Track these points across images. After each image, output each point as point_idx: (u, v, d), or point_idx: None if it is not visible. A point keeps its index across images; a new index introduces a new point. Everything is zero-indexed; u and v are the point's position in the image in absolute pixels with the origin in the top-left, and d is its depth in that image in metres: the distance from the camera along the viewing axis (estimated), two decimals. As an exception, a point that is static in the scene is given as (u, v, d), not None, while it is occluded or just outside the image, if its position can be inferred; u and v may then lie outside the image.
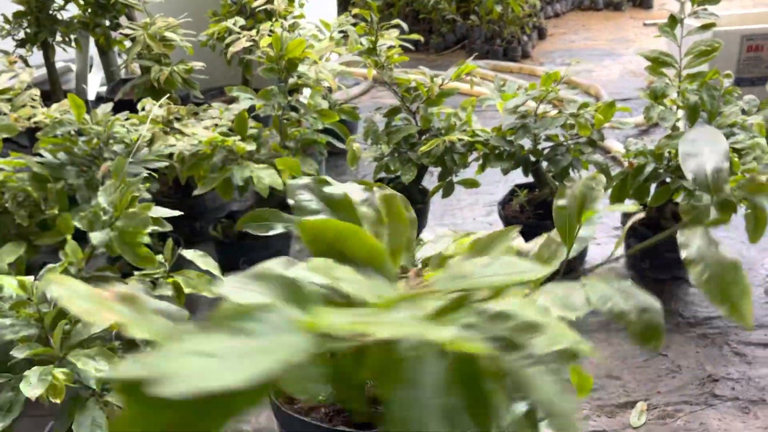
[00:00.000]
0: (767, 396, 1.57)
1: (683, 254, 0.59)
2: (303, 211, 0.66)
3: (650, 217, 1.97)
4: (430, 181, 2.18)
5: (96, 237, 1.13)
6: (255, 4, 2.51)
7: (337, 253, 0.52)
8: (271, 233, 2.15)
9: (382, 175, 2.05)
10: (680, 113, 1.82)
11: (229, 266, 2.00)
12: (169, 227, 1.29)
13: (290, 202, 0.68)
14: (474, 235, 0.65)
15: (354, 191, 0.66)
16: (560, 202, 0.65)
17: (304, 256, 0.55)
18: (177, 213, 1.30)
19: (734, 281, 0.55)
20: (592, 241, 2.22)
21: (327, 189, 0.67)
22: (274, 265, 0.50)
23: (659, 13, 5.86)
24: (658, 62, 1.81)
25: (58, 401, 0.97)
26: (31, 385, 0.96)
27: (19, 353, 1.02)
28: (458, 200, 2.61)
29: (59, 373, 0.99)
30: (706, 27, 1.80)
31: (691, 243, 0.59)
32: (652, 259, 1.98)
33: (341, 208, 0.65)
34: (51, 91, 2.81)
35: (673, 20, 1.83)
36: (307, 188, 0.67)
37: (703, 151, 0.63)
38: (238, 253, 1.99)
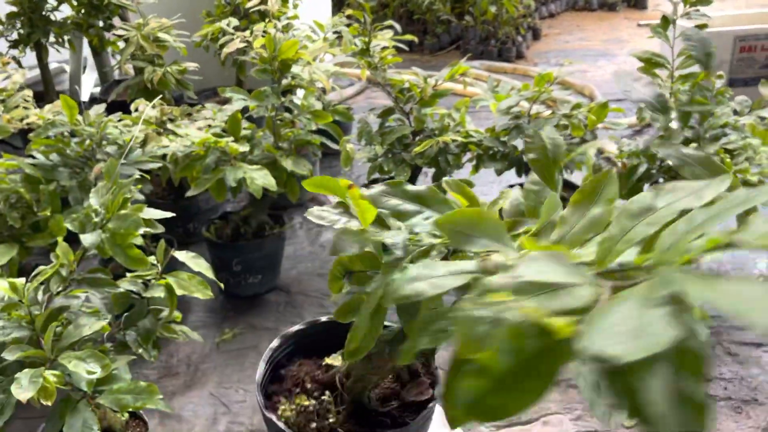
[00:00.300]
0: (759, 396, 1.58)
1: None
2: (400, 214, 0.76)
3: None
4: (424, 182, 2.18)
5: (87, 239, 1.13)
6: (249, 5, 2.50)
7: (465, 236, 0.59)
8: (265, 233, 2.14)
9: (376, 175, 2.05)
10: (673, 114, 1.83)
11: (222, 267, 2.00)
12: (161, 229, 1.29)
13: (381, 211, 0.75)
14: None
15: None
16: (531, 155, 0.72)
17: (296, 258, 0.56)
18: (169, 214, 1.29)
19: None
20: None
21: (410, 188, 0.77)
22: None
23: (654, 14, 5.87)
24: (650, 63, 1.81)
25: (49, 403, 0.97)
26: (22, 388, 0.96)
27: (10, 355, 1.02)
28: (452, 201, 2.61)
29: (50, 375, 0.99)
30: (699, 28, 1.81)
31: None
32: (646, 259, 1.99)
33: (433, 202, 0.75)
34: (44, 92, 2.81)
35: (666, 21, 1.83)
36: (388, 193, 0.76)
37: None
38: (231, 254, 1.99)
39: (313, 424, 1.09)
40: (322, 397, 1.12)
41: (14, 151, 2.60)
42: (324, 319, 1.33)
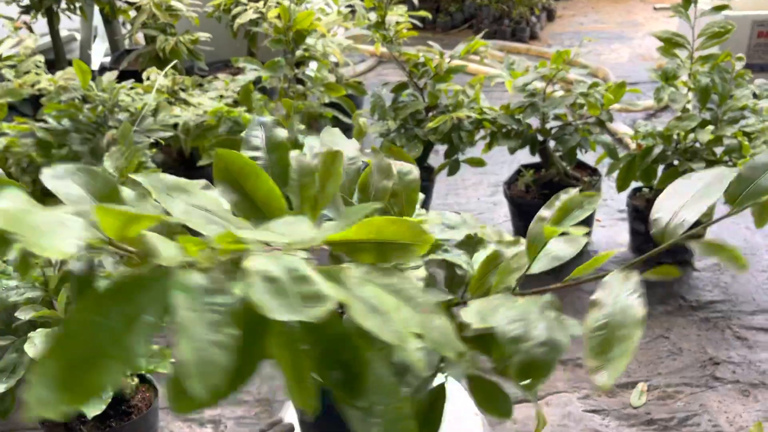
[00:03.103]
0: (767, 380, 1.58)
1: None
2: (246, 145, 0.65)
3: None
4: (435, 159, 2.16)
5: (101, 202, 1.12)
6: (262, -24, 2.47)
7: (238, 187, 0.55)
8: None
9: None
10: (690, 95, 1.80)
11: (232, 239, 1.99)
12: (174, 195, 1.29)
13: (244, 135, 0.67)
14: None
15: (336, 145, 0.65)
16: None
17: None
18: (182, 181, 1.29)
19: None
20: (597, 223, 2.21)
21: (276, 130, 0.66)
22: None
23: (669, -2, 5.79)
24: (670, 43, 1.78)
25: (62, 364, 0.97)
26: (36, 347, 0.96)
27: (23, 315, 1.02)
28: (463, 179, 2.59)
29: (63, 335, 0.99)
30: (718, 8, 1.78)
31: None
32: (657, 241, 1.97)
33: (277, 149, 0.65)
34: (55, 59, 2.79)
35: (687, 0, 1.80)
36: (263, 125, 0.67)
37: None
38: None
39: None
40: None
41: (24, 118, 2.59)
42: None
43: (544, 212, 0.63)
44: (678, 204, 0.58)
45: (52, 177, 0.50)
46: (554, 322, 0.52)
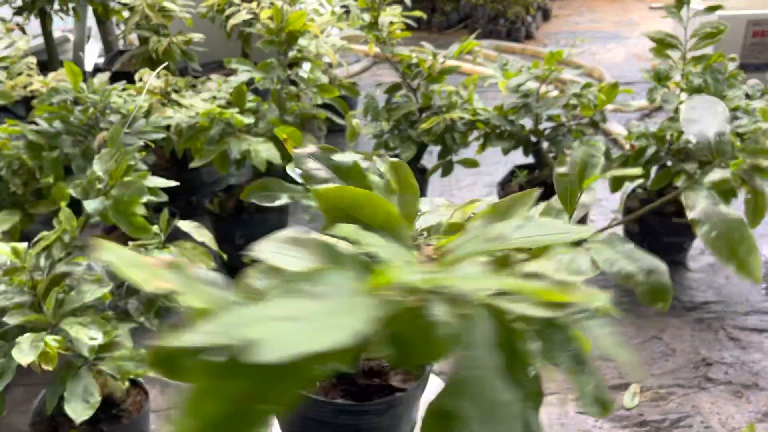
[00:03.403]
0: (760, 381, 1.58)
1: (689, 215, 0.59)
2: (312, 180, 0.64)
3: (650, 200, 1.95)
4: (429, 160, 2.16)
5: (91, 205, 1.12)
6: (256, -24, 2.47)
7: (353, 219, 0.51)
8: (269, 206, 2.14)
9: (382, 152, 2.03)
10: (683, 96, 1.80)
11: (225, 240, 1.98)
12: (165, 197, 1.28)
13: (296, 170, 0.66)
14: (479, 203, 0.64)
15: (356, 160, 0.65)
16: (561, 169, 0.64)
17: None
18: (173, 183, 1.28)
19: (741, 239, 0.55)
20: (591, 224, 2.21)
21: (335, 157, 0.65)
22: (299, 233, 0.48)
23: (665, -3, 5.79)
24: (663, 44, 1.78)
25: (50, 368, 0.97)
26: (23, 352, 0.95)
27: (12, 320, 1.01)
28: (457, 180, 2.59)
29: (51, 340, 0.99)
30: (711, 9, 1.78)
31: (696, 204, 0.59)
32: (650, 242, 1.97)
33: (351, 175, 0.63)
34: (48, 60, 2.78)
35: (680, 1, 1.80)
36: (314, 157, 0.65)
37: (705, 117, 0.62)
38: (235, 227, 1.98)
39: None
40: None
41: (16, 119, 2.58)
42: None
43: (561, 169, 0.65)
44: (708, 124, 0.63)
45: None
46: (637, 253, 0.56)
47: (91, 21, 3.22)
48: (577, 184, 0.61)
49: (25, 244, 1.10)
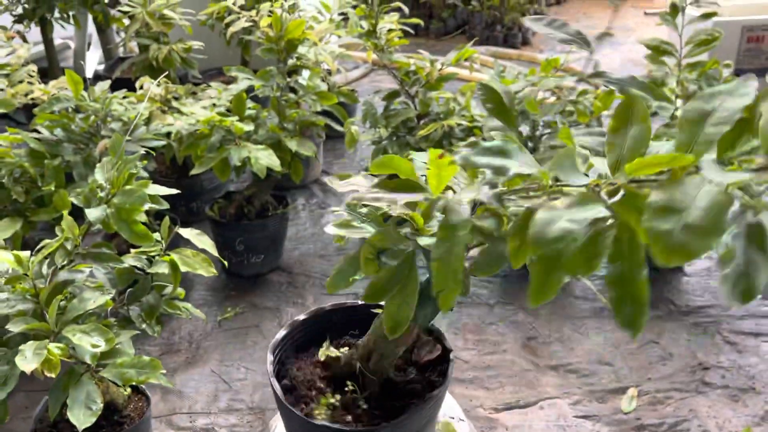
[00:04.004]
0: (757, 384, 1.59)
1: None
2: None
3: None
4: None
5: (92, 213, 1.13)
6: (255, -16, 2.48)
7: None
8: (268, 213, 2.12)
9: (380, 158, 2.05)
10: (679, 102, 1.82)
11: (225, 246, 2.00)
12: (165, 205, 1.29)
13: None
14: None
15: None
16: None
17: (298, 239, 0.56)
18: (174, 191, 1.29)
19: None
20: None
21: (452, 213, 0.76)
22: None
23: (661, 2, 5.82)
24: (658, 51, 1.80)
25: (53, 375, 0.98)
26: (27, 359, 0.96)
27: (14, 327, 1.02)
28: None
29: (54, 347, 1.00)
30: (706, 16, 1.80)
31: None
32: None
33: (458, 229, 0.76)
34: (48, 68, 2.80)
35: (675, 9, 1.82)
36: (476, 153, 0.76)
37: None
38: (235, 233, 1.99)
39: (348, 417, 1.09)
40: (345, 389, 1.12)
41: (18, 127, 2.60)
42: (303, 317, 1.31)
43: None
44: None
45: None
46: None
47: (91, 29, 3.23)
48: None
49: (27, 253, 1.11)
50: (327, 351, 1.19)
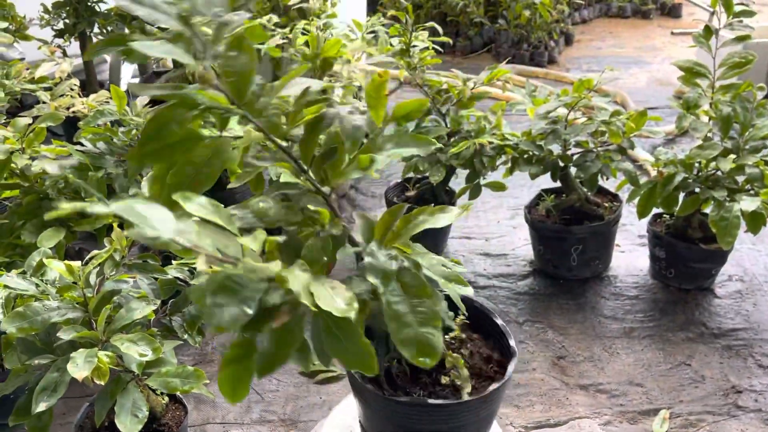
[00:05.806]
0: (791, 409, 1.57)
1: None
2: None
3: (677, 226, 1.97)
4: (456, 182, 2.19)
5: (139, 225, 1.16)
6: (290, 3, 2.54)
7: None
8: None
9: (410, 175, 2.07)
10: (712, 124, 1.82)
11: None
12: (208, 219, 1.32)
13: None
14: None
15: None
16: None
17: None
18: (216, 205, 1.33)
19: None
20: (616, 249, 2.23)
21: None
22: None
23: (688, 23, 5.82)
24: (692, 72, 1.81)
25: (102, 383, 1.01)
26: (78, 367, 0.99)
27: (65, 335, 1.06)
28: (483, 202, 2.62)
29: (104, 355, 1.03)
30: (741, 39, 1.81)
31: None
32: (677, 268, 1.98)
33: None
34: (86, 80, 2.87)
35: (709, 31, 1.83)
36: None
37: None
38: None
39: None
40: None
41: (56, 138, 2.67)
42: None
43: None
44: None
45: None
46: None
47: (126, 43, 3.31)
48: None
49: (78, 263, 1.14)
50: None
